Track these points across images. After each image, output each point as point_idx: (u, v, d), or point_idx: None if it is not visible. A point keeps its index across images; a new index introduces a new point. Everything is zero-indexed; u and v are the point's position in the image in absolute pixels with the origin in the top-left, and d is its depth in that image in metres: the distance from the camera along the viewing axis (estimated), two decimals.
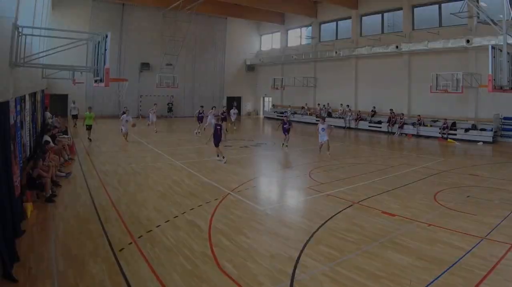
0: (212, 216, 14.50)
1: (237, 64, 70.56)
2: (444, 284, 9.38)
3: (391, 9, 48.29)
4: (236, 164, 25.11)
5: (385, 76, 48.24)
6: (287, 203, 17.46)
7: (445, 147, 34.99)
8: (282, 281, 9.58)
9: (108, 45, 17.52)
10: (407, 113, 45.29)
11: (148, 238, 12.27)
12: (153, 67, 58.70)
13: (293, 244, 11.86)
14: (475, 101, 39.50)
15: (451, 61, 40.37)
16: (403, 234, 12.83)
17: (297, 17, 60.97)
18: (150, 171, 22.71)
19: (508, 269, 10.12)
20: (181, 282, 9.47)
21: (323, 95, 58.25)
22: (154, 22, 57.65)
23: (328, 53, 54.45)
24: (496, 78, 22.62)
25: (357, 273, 10.01)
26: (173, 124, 52.34)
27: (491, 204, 16.42)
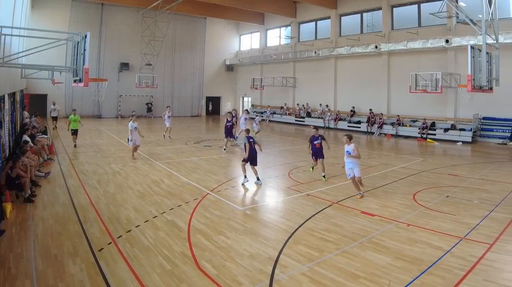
0: (191, 216, 14.58)
1: (217, 64, 70.70)
2: (423, 284, 9.47)
3: (370, 9, 48.49)
4: (215, 164, 25.23)
5: (365, 76, 48.55)
6: (267, 203, 17.41)
7: (424, 147, 35.13)
8: (261, 281, 9.68)
9: (88, 45, 17.51)
10: (386, 113, 45.48)
11: (127, 238, 12.35)
12: (133, 67, 58.76)
13: (273, 244, 11.96)
14: (454, 101, 39.75)
15: (430, 61, 40.74)
16: (382, 234, 12.92)
17: (276, 17, 61.08)
18: (130, 170, 22.77)
19: (487, 269, 10.18)
20: (161, 282, 9.56)
21: (302, 95, 58.49)
22: (133, 22, 57.71)
23: (307, 53, 54.67)
24: (475, 78, 22.77)
25: (336, 273, 10.11)
26: (153, 124, 52.22)
27: (470, 204, 16.53)
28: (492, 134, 37.43)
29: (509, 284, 9.35)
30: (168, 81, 63.79)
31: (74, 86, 22.47)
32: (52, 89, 44.74)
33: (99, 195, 17.52)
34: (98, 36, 55.65)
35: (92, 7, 55.12)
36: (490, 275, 9.85)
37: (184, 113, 65.46)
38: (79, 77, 18.29)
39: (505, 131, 36.45)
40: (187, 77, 66.29)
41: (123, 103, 59.44)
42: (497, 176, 22.53)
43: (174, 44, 63.59)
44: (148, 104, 61.78)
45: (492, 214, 14.92)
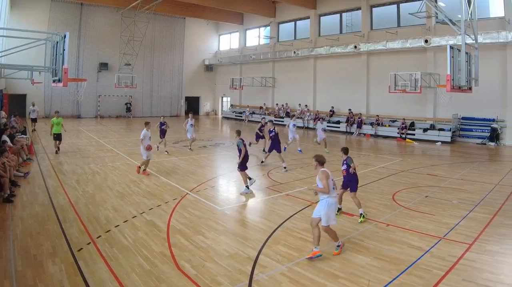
0: (170, 216, 14.58)
1: (196, 64, 70.78)
2: (402, 284, 9.51)
3: (350, 9, 48.71)
4: (194, 164, 25.24)
5: (344, 76, 48.71)
6: (246, 203, 17.38)
7: (404, 147, 35.25)
8: (240, 281, 9.67)
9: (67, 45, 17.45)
10: (366, 113, 45.72)
11: (106, 238, 12.30)
12: (112, 67, 58.60)
13: (252, 244, 11.96)
14: (433, 101, 39.99)
15: (409, 61, 41.00)
16: (361, 234, 12.96)
17: (255, 17, 61.20)
18: (109, 171, 22.73)
19: (466, 269, 10.21)
20: (140, 282, 9.54)
21: (281, 95, 58.62)
22: (112, 22, 57.63)
23: (286, 53, 54.93)
24: (455, 78, 22.85)
25: (315, 273, 10.12)
26: (132, 124, 52.30)
27: (450, 204, 16.61)
28: (471, 134, 37.72)
29: (488, 283, 9.39)
30: (147, 81, 63.88)
31: (54, 86, 22.24)
32: (32, 89, 44.20)
33: (78, 195, 17.45)
34: (77, 36, 55.53)
35: (72, 7, 54.97)
36: (469, 275, 9.88)
37: (163, 113, 63.65)
38: (58, 77, 18.22)
39: (484, 132, 36.71)
40: (166, 77, 66.47)
41: (102, 103, 59.46)
42: (476, 176, 22.65)
43: (153, 44, 63.70)
44: (127, 104, 61.71)
45: (471, 214, 15.00)
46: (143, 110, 63.72)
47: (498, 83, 35.27)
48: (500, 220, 14.30)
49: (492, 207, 15.90)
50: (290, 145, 30.19)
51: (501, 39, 33.16)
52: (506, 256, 11.16)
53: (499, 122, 35.87)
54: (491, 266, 10.40)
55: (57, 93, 53.56)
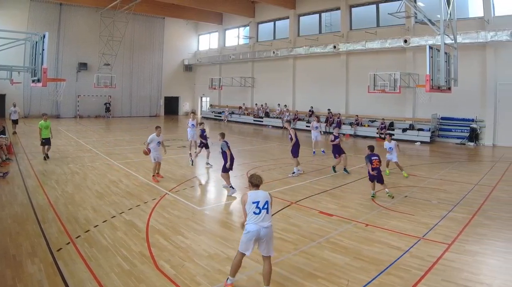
0: (150, 216, 14.51)
1: (175, 64, 70.97)
2: (382, 284, 9.49)
3: (329, 9, 48.86)
4: (174, 164, 25.20)
5: (323, 76, 48.90)
6: (225, 203, 17.41)
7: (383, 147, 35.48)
8: (220, 281, 9.60)
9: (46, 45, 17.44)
10: (345, 113, 45.90)
11: (86, 238, 12.19)
12: (91, 67, 58.44)
13: (231, 244, 11.90)
14: (412, 101, 40.20)
15: (389, 61, 41.21)
16: (340, 234, 12.93)
17: (235, 17, 61.31)
18: (88, 170, 22.59)
19: (445, 269, 10.22)
20: (119, 282, 9.44)
21: (260, 95, 58.77)
22: (92, 22, 57.42)
23: (265, 53, 55.01)
24: (434, 78, 23.10)
25: (294, 273, 10.09)
26: (111, 124, 52.35)
27: (429, 204, 16.67)
28: (451, 134, 37.94)
29: (467, 284, 9.40)
30: (127, 81, 63.83)
31: (33, 86, 22.11)
32: (11, 89, 44.33)
33: (57, 195, 17.34)
34: (56, 36, 55.36)
35: (51, 7, 54.78)
36: (448, 275, 9.89)
37: (142, 113, 65.69)
38: (37, 77, 18.18)
39: (463, 132, 36.96)
40: (146, 77, 66.48)
41: (81, 103, 59.36)
42: (456, 176, 22.79)
43: (132, 44, 63.72)
44: (107, 104, 61.63)
45: (450, 214, 15.05)
46: (123, 110, 63.98)
47: (477, 83, 35.56)
48: (480, 220, 14.36)
49: (471, 207, 15.98)
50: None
51: (480, 39, 33.35)
52: (486, 256, 11.21)
53: (478, 122, 36.17)
54: (471, 266, 10.44)
55: (37, 93, 53.41)
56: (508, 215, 14.91)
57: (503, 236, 12.64)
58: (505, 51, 34.06)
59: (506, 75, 34.04)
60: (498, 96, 34.90)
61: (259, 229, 9.10)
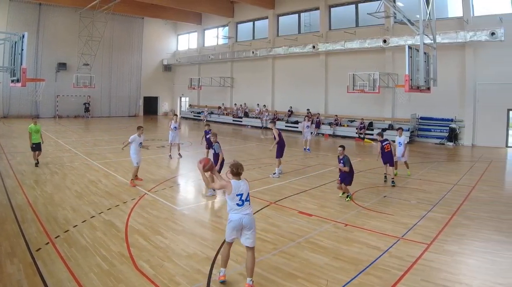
0: (129, 216, 14.43)
1: (154, 64, 70.98)
2: (361, 284, 9.48)
3: (308, 9, 48.94)
4: (153, 164, 25.12)
5: (302, 76, 48.99)
6: (204, 203, 17.42)
7: (362, 147, 35.44)
8: (198, 281, 9.58)
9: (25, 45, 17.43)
10: (324, 113, 46.03)
11: (65, 238, 12.09)
12: (70, 67, 58.18)
13: (210, 244, 11.90)
14: (392, 101, 40.40)
15: (368, 61, 41.29)
16: (320, 234, 12.91)
17: (214, 17, 61.37)
18: (67, 170, 22.44)
19: (424, 269, 10.23)
20: (98, 282, 9.35)
21: (240, 95, 58.84)
22: (71, 22, 57.13)
23: (245, 53, 55.07)
24: (413, 78, 23.22)
25: (274, 273, 10.07)
26: (90, 124, 52.23)
27: (408, 204, 16.73)
28: (430, 134, 38.18)
29: (446, 283, 9.42)
30: (106, 81, 63.62)
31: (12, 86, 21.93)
32: None
33: (36, 195, 17.22)
34: (35, 36, 55.12)
35: (30, 8, 54.52)
36: (427, 275, 9.90)
37: (121, 113, 65.62)
38: (16, 77, 18.09)
39: (442, 132, 37.19)
40: (125, 77, 66.41)
41: (60, 103, 59.19)
42: (435, 176, 22.86)
43: (111, 44, 63.57)
44: (86, 104, 61.59)
45: (429, 214, 15.10)
46: (102, 110, 63.86)
47: (457, 83, 35.85)
48: (459, 220, 14.43)
49: (450, 207, 16.05)
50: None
51: (460, 39, 33.59)
52: (465, 256, 11.27)
53: (458, 122, 36.44)
54: (450, 266, 10.46)
55: (16, 93, 53.07)
56: (487, 215, 15.01)
57: (482, 236, 12.70)
58: (484, 51, 34.31)
59: (485, 75, 34.31)
60: (477, 96, 35.15)
61: (241, 217, 9.42)
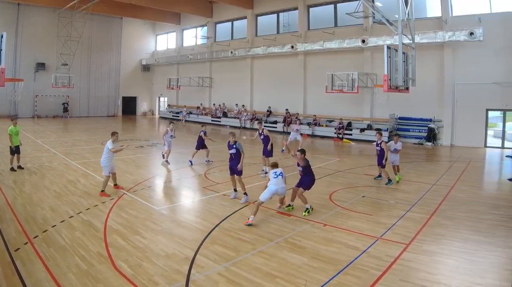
0: (107, 216, 14.42)
1: (133, 64, 70.89)
2: (340, 284, 9.53)
3: (287, 9, 49.00)
4: (131, 164, 25.10)
5: (281, 76, 49.02)
6: (183, 203, 17.50)
7: (341, 147, 35.54)
8: (177, 281, 9.60)
9: (4, 45, 17.36)
10: (303, 113, 45.99)
11: (43, 238, 12.11)
12: (49, 67, 57.88)
13: (189, 244, 11.90)
14: (370, 101, 40.55)
15: (346, 61, 41.46)
16: (298, 234, 12.96)
17: (192, 17, 61.40)
18: (46, 170, 22.41)
19: (403, 269, 10.29)
20: (77, 282, 9.36)
21: (218, 95, 58.98)
22: (49, 22, 56.82)
23: (223, 53, 55.14)
24: (392, 78, 23.25)
25: (252, 273, 10.12)
26: (69, 124, 52.18)
27: (387, 204, 16.88)
28: (409, 134, 38.25)
29: (425, 283, 9.47)
30: (85, 81, 63.44)
31: None
32: None
33: (15, 195, 17.20)
34: (14, 36, 54.96)
35: (9, 7, 54.32)
36: (406, 275, 9.97)
37: (100, 113, 65.51)
38: None
39: (421, 132, 37.38)
40: (104, 77, 66.25)
41: (39, 103, 59.01)
42: (413, 176, 22.96)
43: (90, 44, 63.29)
44: (65, 104, 61.46)
45: (408, 214, 15.18)
46: (80, 110, 63.69)
47: (435, 83, 36.07)
48: (437, 220, 14.51)
49: (429, 207, 16.13)
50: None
51: (438, 39, 33.83)
52: (443, 256, 11.30)
53: (436, 122, 36.66)
54: (428, 266, 10.52)
55: None
56: (465, 215, 15.11)
57: (460, 236, 12.78)
58: (462, 51, 34.55)
59: (464, 75, 34.57)
60: (455, 96, 35.39)
61: (277, 188, 14.59)
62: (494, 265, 10.67)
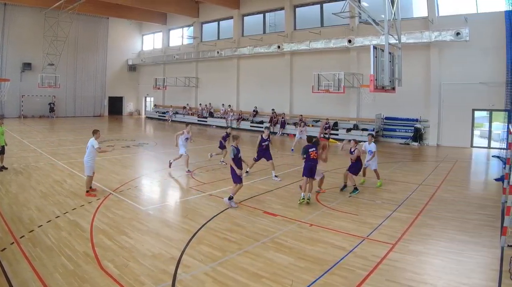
0: (94, 216, 14.39)
1: (119, 64, 70.78)
2: (326, 284, 9.57)
3: (273, 9, 49.05)
4: (118, 164, 25.02)
5: (267, 76, 49.08)
6: (169, 203, 17.54)
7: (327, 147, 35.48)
8: (164, 281, 9.61)
9: None
10: (289, 113, 46.04)
11: (30, 238, 12.11)
12: (35, 67, 57.73)
13: (175, 244, 11.91)
14: (357, 101, 40.63)
15: (333, 61, 41.48)
16: (285, 234, 12.97)
17: (179, 17, 61.36)
18: (32, 170, 22.33)
19: (389, 269, 10.32)
20: (63, 282, 9.34)
21: (205, 95, 58.98)
22: (36, 22, 56.64)
23: (210, 53, 55.06)
24: (378, 78, 23.13)
25: (239, 273, 10.14)
26: (55, 124, 52.13)
27: (373, 204, 16.88)
28: (395, 134, 38.41)
29: (411, 283, 9.51)
30: (71, 81, 63.37)
31: None
32: None
33: (1, 195, 17.15)
34: (0, 36, 55.23)
35: None
36: (392, 275, 10.01)
37: (86, 113, 65.44)
38: None
39: (407, 131, 37.43)
40: (90, 77, 66.16)
41: (25, 103, 58.92)
42: (399, 176, 23.14)
43: (76, 44, 63.18)
44: (51, 104, 61.31)
45: (394, 214, 15.23)
46: (67, 110, 63.59)
47: (422, 83, 36.16)
48: (424, 220, 14.57)
49: (415, 207, 16.20)
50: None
51: (424, 39, 33.90)
52: (429, 256, 11.35)
53: (423, 122, 36.73)
54: (414, 266, 10.58)
55: None
56: (451, 215, 15.17)
57: (446, 236, 12.82)
58: (449, 51, 34.70)
59: (450, 75, 34.72)
60: (442, 96, 35.52)
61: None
62: (481, 265, 10.72)
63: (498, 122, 34.10)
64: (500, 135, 32.83)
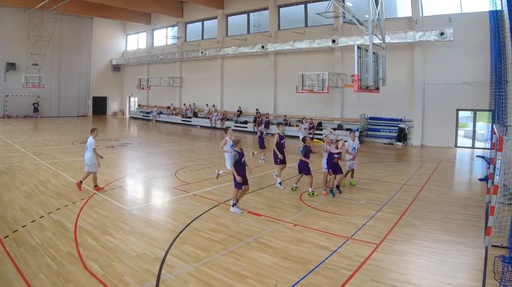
0: (78, 216, 14.34)
1: (103, 64, 70.62)
2: (310, 284, 9.56)
3: (257, 9, 49.19)
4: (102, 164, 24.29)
5: (251, 76, 49.19)
6: (153, 203, 17.37)
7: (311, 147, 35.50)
8: (148, 281, 9.58)
9: None
10: (273, 113, 46.12)
11: (14, 238, 12.06)
12: (19, 67, 57.64)
13: (159, 244, 11.89)
14: (341, 101, 40.71)
15: (317, 61, 41.62)
16: (269, 234, 12.96)
17: (163, 17, 61.34)
18: (16, 170, 22.23)
19: (373, 269, 10.33)
20: (47, 282, 9.29)
21: (189, 95, 58.89)
22: (20, 22, 56.54)
23: (194, 53, 55.17)
24: (362, 78, 23.22)
25: (223, 273, 10.14)
26: (39, 124, 51.85)
27: (357, 204, 16.89)
28: (379, 134, 38.48)
29: (395, 283, 9.51)
30: (55, 81, 63.19)
31: None
32: None
33: None
34: None
35: None
36: (376, 275, 10.01)
37: (70, 113, 65.29)
38: None
39: (391, 132, 37.52)
40: (74, 77, 65.93)
41: (9, 103, 58.62)
42: (384, 176, 23.13)
43: (60, 44, 63.06)
44: (35, 104, 60.99)
45: (378, 214, 15.25)
46: (51, 110, 63.40)
47: (406, 83, 36.29)
48: (408, 220, 14.58)
49: (399, 207, 16.23)
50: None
51: (409, 39, 34.01)
52: (414, 256, 11.36)
53: (407, 122, 36.86)
54: (399, 266, 10.59)
55: None
56: (436, 215, 15.21)
57: (431, 236, 12.85)
58: (433, 51, 34.84)
59: (434, 75, 34.86)
60: (426, 96, 35.66)
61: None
62: (465, 265, 10.76)
63: (482, 122, 34.32)
64: (484, 135, 33.16)
